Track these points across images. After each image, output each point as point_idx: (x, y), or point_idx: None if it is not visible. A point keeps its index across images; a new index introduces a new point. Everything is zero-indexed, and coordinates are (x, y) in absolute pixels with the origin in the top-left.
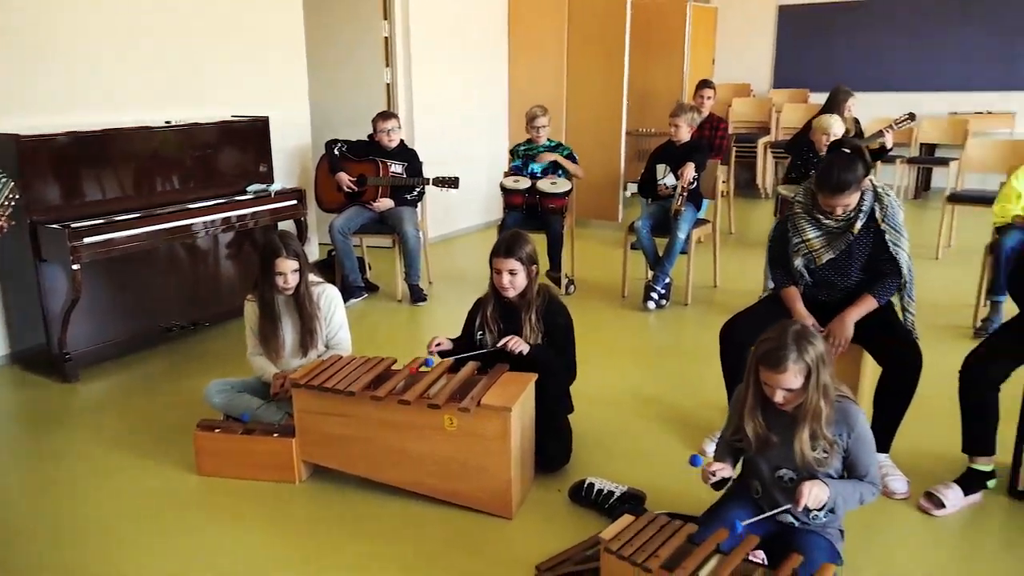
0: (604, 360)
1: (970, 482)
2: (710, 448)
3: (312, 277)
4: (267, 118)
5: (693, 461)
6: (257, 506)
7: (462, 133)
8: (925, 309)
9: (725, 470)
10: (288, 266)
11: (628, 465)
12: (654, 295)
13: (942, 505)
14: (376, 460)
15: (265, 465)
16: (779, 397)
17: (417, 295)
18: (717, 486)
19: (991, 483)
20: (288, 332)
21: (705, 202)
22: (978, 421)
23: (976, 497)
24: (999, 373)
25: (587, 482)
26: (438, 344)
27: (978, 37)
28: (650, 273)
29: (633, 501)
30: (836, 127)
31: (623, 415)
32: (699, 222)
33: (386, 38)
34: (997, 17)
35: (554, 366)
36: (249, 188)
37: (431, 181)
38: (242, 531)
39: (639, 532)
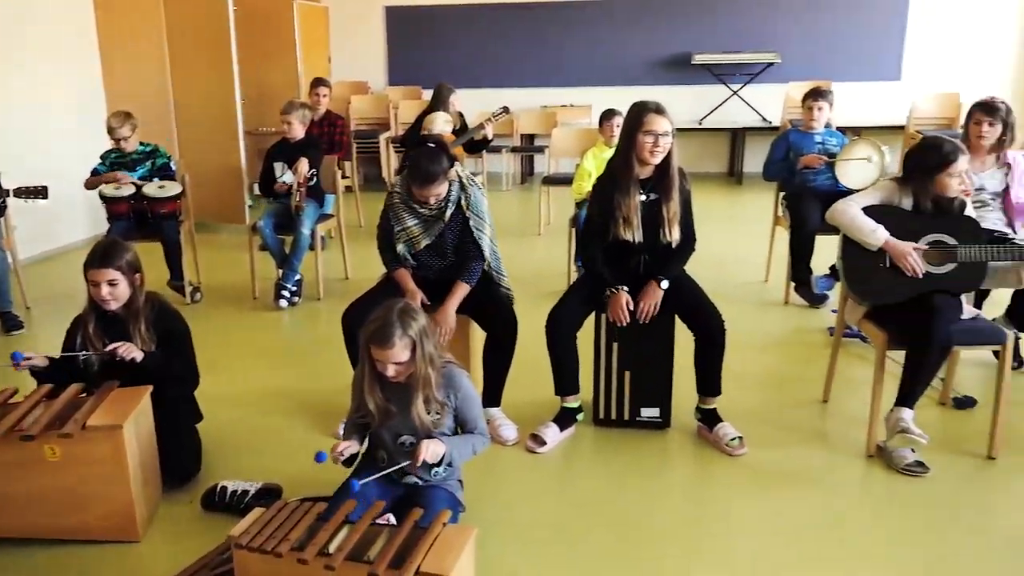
0: (237, 363)
1: (564, 419)
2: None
3: None
4: None
5: (318, 458)
6: None
7: (51, 139)
8: (531, 278)
9: (351, 447)
10: None
11: (265, 461)
12: (285, 293)
13: (544, 442)
14: None
15: None
16: (391, 371)
17: (10, 323)
18: (348, 463)
19: (580, 417)
20: None
21: (329, 197)
22: (563, 366)
23: (570, 430)
24: (573, 322)
25: (219, 486)
26: (27, 359)
27: (561, 40)
28: (279, 272)
29: (269, 495)
30: (441, 124)
31: (257, 414)
32: (323, 217)
33: None
34: (574, 24)
35: (171, 373)
36: None
37: (12, 193)
38: None
39: (269, 522)
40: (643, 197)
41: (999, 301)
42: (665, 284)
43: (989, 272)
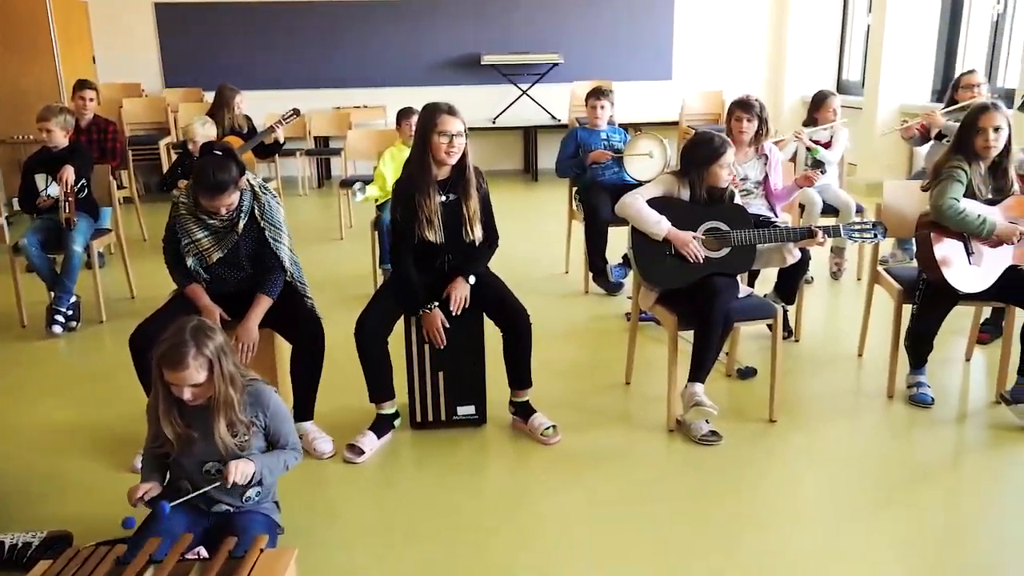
0: (5, 401)
1: (380, 426)
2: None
3: None
4: None
5: (126, 524)
6: None
7: None
8: (336, 283)
9: (151, 490)
10: None
11: (50, 507)
12: (59, 318)
13: (362, 452)
14: None
15: None
16: (187, 394)
17: None
18: (150, 504)
19: (397, 422)
20: None
21: (105, 210)
22: (375, 371)
23: (388, 437)
24: (383, 327)
25: None
26: None
27: (351, 40)
28: (51, 295)
29: (58, 544)
30: (200, 130)
31: (36, 455)
32: (99, 232)
33: None
34: (364, 24)
35: None
36: None
37: None
38: None
39: (59, 574)
40: (443, 198)
41: (768, 279)
42: (472, 280)
43: (757, 254)
